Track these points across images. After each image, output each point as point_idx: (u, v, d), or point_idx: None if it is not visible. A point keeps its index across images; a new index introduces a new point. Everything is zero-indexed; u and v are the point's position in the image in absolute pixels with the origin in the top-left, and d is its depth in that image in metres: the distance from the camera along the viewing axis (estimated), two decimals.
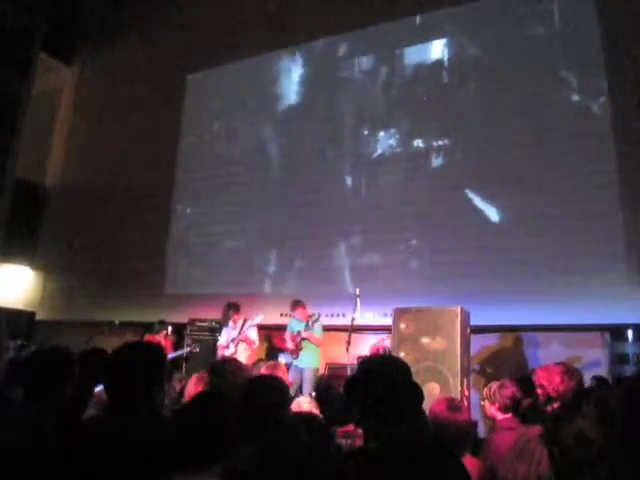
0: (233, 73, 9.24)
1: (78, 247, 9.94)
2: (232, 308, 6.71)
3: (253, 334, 6.60)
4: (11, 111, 9.94)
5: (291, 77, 8.64)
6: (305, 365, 6.26)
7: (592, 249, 5.97)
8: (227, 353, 6.31)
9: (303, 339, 6.29)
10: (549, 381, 2.89)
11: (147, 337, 5.86)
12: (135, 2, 10.65)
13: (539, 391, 2.97)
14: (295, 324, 6.52)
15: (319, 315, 6.40)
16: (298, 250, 7.78)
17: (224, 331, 6.77)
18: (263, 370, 3.32)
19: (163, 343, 5.30)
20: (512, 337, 6.34)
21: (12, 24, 10.11)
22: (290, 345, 6.38)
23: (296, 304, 6.53)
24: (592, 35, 6.47)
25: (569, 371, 2.93)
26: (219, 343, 6.70)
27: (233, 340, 6.48)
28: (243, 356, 6.26)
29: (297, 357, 6.29)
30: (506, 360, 6.22)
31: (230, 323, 6.66)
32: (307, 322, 6.36)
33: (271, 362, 3.70)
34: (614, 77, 6.27)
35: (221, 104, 9.24)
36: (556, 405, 2.84)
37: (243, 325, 6.56)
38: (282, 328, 7.10)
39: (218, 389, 2.57)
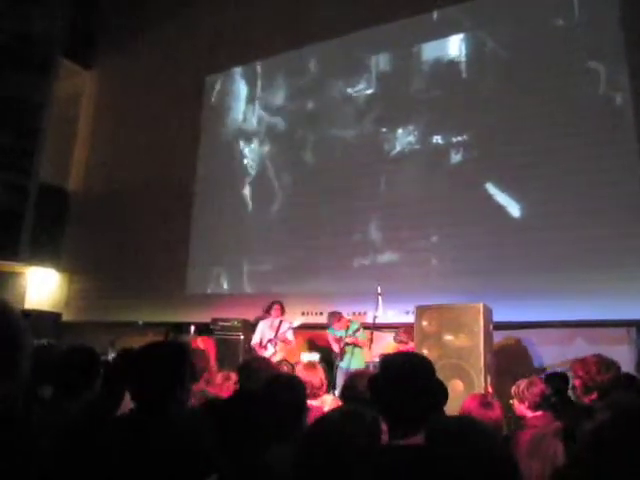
0: (251, 73, 9.28)
1: (101, 249, 10.08)
2: (276, 302, 6.99)
3: (290, 334, 6.84)
4: (34, 116, 10.13)
5: (308, 75, 8.64)
6: (352, 366, 6.30)
7: (615, 243, 5.88)
8: (267, 354, 6.48)
9: (347, 344, 6.35)
10: (586, 371, 2.84)
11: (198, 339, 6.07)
12: (152, 6, 10.74)
13: (576, 382, 2.91)
14: (335, 331, 6.59)
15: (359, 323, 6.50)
16: (318, 249, 7.80)
17: (260, 326, 6.92)
18: (300, 370, 3.35)
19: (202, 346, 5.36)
20: (535, 333, 6.27)
21: (34, 31, 10.29)
22: (336, 348, 6.44)
23: (332, 316, 6.58)
24: (612, 24, 6.35)
25: (606, 362, 2.88)
26: (254, 342, 6.86)
27: (270, 341, 6.66)
28: (280, 355, 6.59)
29: (342, 359, 6.33)
30: (530, 357, 6.16)
31: (267, 318, 6.88)
32: (347, 329, 6.42)
33: (308, 362, 3.72)
34: (637, 67, 6.17)
35: (240, 104, 9.30)
36: (594, 396, 2.79)
37: (279, 327, 6.68)
38: (305, 327, 7.15)
39: (247, 388, 2.59)
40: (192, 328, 8.03)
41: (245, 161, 9.00)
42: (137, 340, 7.69)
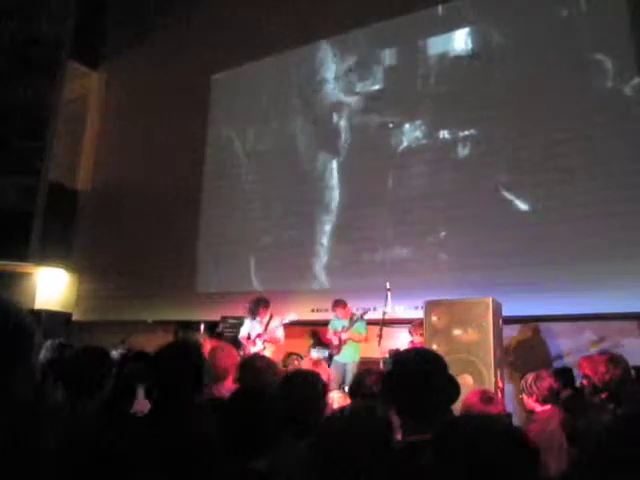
0: (258, 71, 9.27)
1: (111, 248, 10.12)
2: (262, 302, 6.70)
3: (280, 333, 6.61)
4: (43, 117, 10.19)
5: (315, 73, 8.63)
6: (347, 360, 6.32)
7: (626, 236, 5.84)
8: (254, 349, 6.35)
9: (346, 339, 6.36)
10: (594, 371, 2.76)
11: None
12: (159, 6, 10.76)
13: (584, 382, 2.84)
14: (337, 322, 6.56)
15: (362, 313, 6.44)
16: (327, 245, 7.80)
17: (247, 323, 6.72)
18: (305, 365, 3.35)
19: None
20: (545, 327, 6.25)
21: (42, 33, 10.35)
22: (335, 341, 6.44)
23: (336, 304, 6.52)
24: (620, 14, 6.29)
25: (614, 359, 2.81)
26: (241, 336, 6.65)
27: (259, 336, 6.49)
28: (269, 352, 6.31)
29: (338, 353, 6.35)
30: (540, 351, 6.14)
31: (257, 318, 6.65)
32: (350, 319, 6.42)
33: (313, 358, 3.73)
34: None
35: (247, 102, 9.29)
36: (604, 396, 2.73)
37: (269, 322, 6.58)
38: (314, 323, 7.16)
39: (248, 386, 2.60)
40: (202, 326, 8.06)
41: (252, 159, 9.00)
42: (147, 339, 7.75)
